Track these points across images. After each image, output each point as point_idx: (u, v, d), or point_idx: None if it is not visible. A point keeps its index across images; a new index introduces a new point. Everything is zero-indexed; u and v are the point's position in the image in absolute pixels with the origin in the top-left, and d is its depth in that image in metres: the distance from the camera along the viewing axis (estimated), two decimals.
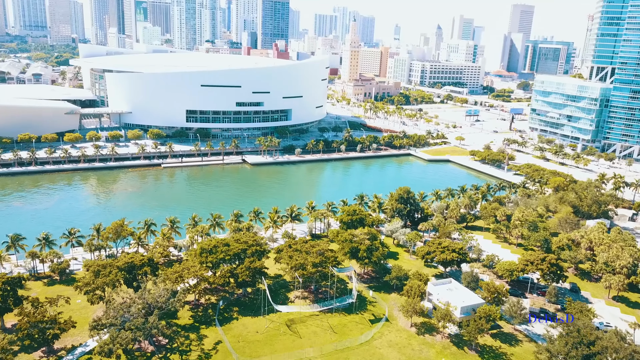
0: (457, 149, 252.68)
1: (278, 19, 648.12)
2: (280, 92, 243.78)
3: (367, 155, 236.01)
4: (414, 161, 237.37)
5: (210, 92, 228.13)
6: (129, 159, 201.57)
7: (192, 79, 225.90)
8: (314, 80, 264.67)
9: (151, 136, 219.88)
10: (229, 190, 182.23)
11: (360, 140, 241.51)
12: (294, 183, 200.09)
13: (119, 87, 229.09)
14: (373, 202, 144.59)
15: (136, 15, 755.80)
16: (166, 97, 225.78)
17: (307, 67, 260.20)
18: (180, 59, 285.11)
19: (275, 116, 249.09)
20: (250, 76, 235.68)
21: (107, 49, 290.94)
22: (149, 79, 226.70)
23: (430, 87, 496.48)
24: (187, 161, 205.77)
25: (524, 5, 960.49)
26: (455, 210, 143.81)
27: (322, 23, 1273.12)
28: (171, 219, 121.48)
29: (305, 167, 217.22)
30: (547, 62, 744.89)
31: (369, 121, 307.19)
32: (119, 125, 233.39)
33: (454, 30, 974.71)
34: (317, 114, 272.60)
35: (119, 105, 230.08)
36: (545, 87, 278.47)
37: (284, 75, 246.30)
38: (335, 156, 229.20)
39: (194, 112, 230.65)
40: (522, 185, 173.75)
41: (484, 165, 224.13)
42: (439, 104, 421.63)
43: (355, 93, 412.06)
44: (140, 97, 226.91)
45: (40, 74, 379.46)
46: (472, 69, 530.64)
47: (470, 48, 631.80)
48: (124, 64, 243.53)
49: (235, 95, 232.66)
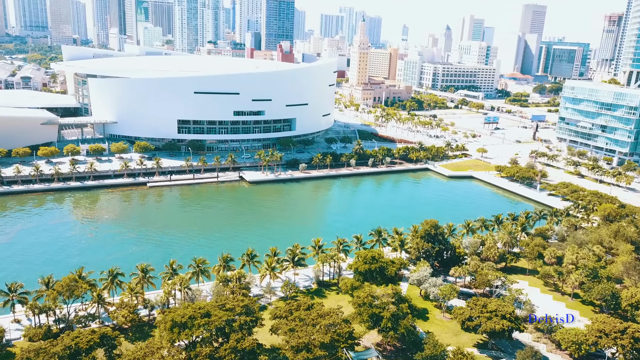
0: (480, 163, 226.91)
1: (283, 19, 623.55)
2: (283, 100, 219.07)
3: (380, 170, 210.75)
4: (433, 177, 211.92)
5: (204, 99, 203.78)
6: (111, 176, 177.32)
7: (184, 85, 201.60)
8: (321, 86, 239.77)
9: (138, 149, 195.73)
10: (221, 217, 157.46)
11: (372, 153, 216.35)
12: (298, 206, 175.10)
13: (103, 94, 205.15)
14: (393, 239, 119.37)
15: (137, 15, 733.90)
16: (156, 105, 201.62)
17: (313, 71, 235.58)
18: (176, 61, 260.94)
19: (277, 126, 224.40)
20: (249, 82, 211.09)
21: (94, 51, 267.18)
22: (137, 85, 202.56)
23: (442, 91, 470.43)
24: (177, 179, 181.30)
25: (535, 5, 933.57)
26: (493, 249, 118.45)
27: (328, 23, 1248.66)
28: (142, 266, 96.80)
29: (311, 185, 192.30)
30: (561, 64, 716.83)
31: (380, 130, 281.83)
32: (103, 136, 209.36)
33: (464, 31, 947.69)
34: (324, 123, 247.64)
35: (103, 115, 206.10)
36: (575, 94, 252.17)
37: (287, 80, 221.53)
38: (344, 172, 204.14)
39: (187, 122, 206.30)
40: (565, 213, 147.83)
41: (512, 183, 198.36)
42: (454, 110, 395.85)
43: (364, 97, 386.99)
44: (126, 106, 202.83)
45: (29, 77, 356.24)
46: (486, 72, 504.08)
47: (483, 49, 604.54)
48: (111, 68, 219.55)
49: (233, 103, 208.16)
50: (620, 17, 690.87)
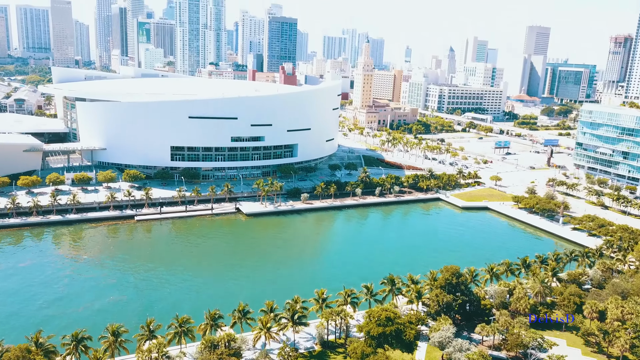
0: (495, 192, 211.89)
1: (285, 40, 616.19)
2: (284, 124, 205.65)
3: (388, 200, 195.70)
4: (445, 207, 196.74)
5: (200, 124, 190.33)
6: (96, 209, 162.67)
7: (178, 110, 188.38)
8: (324, 110, 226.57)
9: (127, 178, 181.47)
10: (214, 256, 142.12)
11: (379, 181, 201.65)
12: (299, 243, 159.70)
13: (91, 118, 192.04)
14: (408, 288, 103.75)
15: (139, 36, 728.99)
16: (147, 131, 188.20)
17: (316, 94, 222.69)
18: (172, 84, 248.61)
19: (278, 152, 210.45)
20: (248, 106, 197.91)
21: (86, 73, 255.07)
22: (127, 110, 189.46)
23: (449, 114, 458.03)
24: (168, 211, 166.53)
25: (540, 27, 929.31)
26: (523, 300, 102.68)
27: (331, 45, 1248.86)
28: (114, 328, 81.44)
29: (313, 218, 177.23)
30: (567, 86, 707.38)
31: (386, 155, 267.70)
32: (91, 164, 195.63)
33: (468, 53, 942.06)
34: (327, 149, 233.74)
35: (91, 141, 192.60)
36: (593, 118, 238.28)
37: (288, 104, 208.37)
38: (349, 202, 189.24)
39: (181, 148, 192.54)
40: (598, 253, 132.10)
41: (531, 215, 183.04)
42: (461, 133, 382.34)
43: (368, 120, 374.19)
44: (116, 131, 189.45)
45: (23, 100, 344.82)
46: (493, 94, 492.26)
47: (489, 71, 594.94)
48: (102, 91, 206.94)
49: (230, 129, 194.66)
50: (626, 39, 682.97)
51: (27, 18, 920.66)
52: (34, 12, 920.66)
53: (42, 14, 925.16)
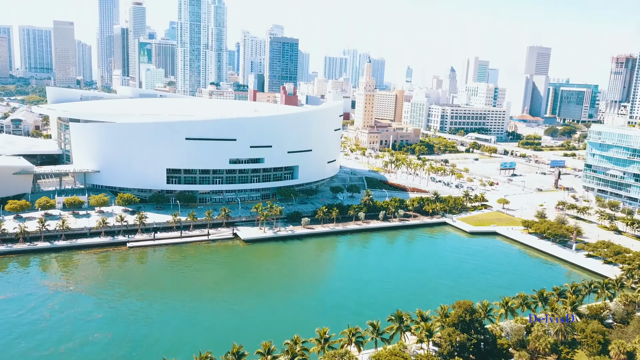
0: (503, 216, 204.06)
1: (287, 60, 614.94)
2: (284, 146, 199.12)
3: (392, 225, 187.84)
4: (451, 232, 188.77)
5: (197, 146, 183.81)
6: (86, 235, 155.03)
7: (175, 131, 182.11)
8: (326, 131, 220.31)
9: (120, 202, 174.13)
10: (207, 286, 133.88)
11: (383, 205, 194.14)
12: (298, 272, 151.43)
13: (85, 140, 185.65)
14: (418, 325, 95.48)
15: (140, 57, 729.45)
16: (142, 153, 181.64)
17: (317, 115, 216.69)
18: (170, 104, 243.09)
19: (278, 174, 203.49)
20: (247, 127, 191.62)
21: (82, 93, 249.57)
22: (122, 131, 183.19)
23: (451, 134, 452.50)
24: (162, 237, 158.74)
25: (540, 47, 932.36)
26: (543, 339, 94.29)
27: (332, 65, 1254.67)
28: None
29: (314, 244, 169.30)
30: (569, 106, 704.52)
31: (390, 177, 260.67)
32: (84, 186, 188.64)
33: (469, 73, 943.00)
34: (329, 171, 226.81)
35: (84, 163, 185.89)
36: (603, 139, 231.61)
37: (289, 125, 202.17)
38: (352, 227, 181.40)
39: (177, 171, 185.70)
40: (618, 284, 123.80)
41: (542, 241, 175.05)
42: (465, 154, 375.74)
43: (370, 141, 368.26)
44: (110, 153, 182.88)
45: (20, 120, 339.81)
46: (496, 114, 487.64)
47: (491, 91, 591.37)
48: (97, 112, 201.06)
49: (228, 151, 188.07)
50: (628, 59, 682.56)
51: (29, 39, 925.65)
52: (36, 32, 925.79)
53: (44, 35, 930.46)
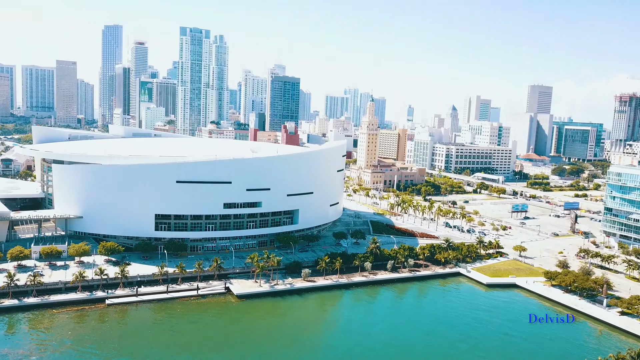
0: (521, 266, 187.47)
1: (288, 99, 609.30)
2: (284, 188, 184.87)
3: (402, 276, 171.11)
4: (466, 284, 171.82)
5: (189, 190, 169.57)
6: (61, 290, 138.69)
7: (164, 173, 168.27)
8: (329, 172, 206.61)
9: (103, 252, 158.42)
10: (192, 353, 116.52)
11: (391, 253, 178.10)
12: (297, 335, 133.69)
13: (68, 183, 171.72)
14: None
15: (140, 95, 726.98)
16: (129, 197, 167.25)
17: (319, 155, 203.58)
18: (164, 144, 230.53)
19: (276, 219, 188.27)
20: (243, 168, 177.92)
21: (70, 132, 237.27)
22: (108, 173, 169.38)
23: (457, 174, 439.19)
24: (146, 292, 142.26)
25: (542, 86, 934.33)
26: None
27: (334, 104, 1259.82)
28: None
29: (316, 300, 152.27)
30: (574, 145, 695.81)
31: (396, 220, 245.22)
32: (65, 233, 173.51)
33: (471, 111, 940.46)
34: (331, 214, 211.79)
35: (66, 208, 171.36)
36: (624, 181, 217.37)
37: (289, 166, 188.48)
38: (357, 279, 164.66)
39: (167, 217, 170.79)
40: None
41: (567, 295, 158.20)
42: (473, 194, 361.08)
43: (374, 181, 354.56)
44: (95, 197, 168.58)
45: (11, 160, 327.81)
46: (502, 153, 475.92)
47: (495, 130, 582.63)
48: (84, 153, 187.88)
49: (223, 194, 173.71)
50: (631, 98, 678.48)
51: (32, 78, 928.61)
52: (39, 72, 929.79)
53: (47, 74, 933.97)
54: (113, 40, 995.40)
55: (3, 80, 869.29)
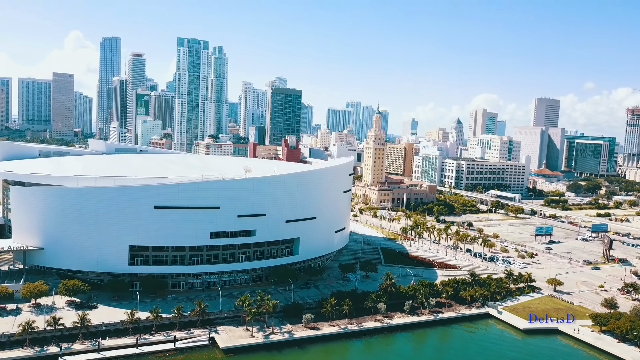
0: (560, 304, 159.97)
1: (289, 113, 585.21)
2: (282, 214, 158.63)
3: (422, 320, 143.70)
4: (498, 328, 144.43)
5: (169, 217, 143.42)
6: (5, 345, 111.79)
7: (141, 197, 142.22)
8: (334, 193, 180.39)
9: (64, 292, 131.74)
10: None
11: (409, 291, 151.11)
12: None
13: (28, 208, 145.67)
14: None
15: (137, 108, 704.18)
16: (99, 225, 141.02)
17: (323, 175, 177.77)
18: (146, 161, 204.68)
19: (273, 250, 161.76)
20: (235, 191, 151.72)
21: (41, 148, 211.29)
22: (74, 197, 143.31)
23: (468, 191, 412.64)
24: (110, 346, 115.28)
25: (549, 99, 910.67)
26: None
27: (335, 118, 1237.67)
28: None
29: (320, 353, 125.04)
30: (585, 159, 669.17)
31: (409, 247, 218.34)
32: (24, 267, 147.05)
33: (477, 125, 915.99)
34: (337, 242, 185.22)
35: (25, 237, 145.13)
36: None
37: (289, 188, 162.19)
38: (369, 324, 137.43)
39: (143, 248, 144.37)
40: None
41: (624, 345, 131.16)
42: (487, 214, 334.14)
43: (381, 199, 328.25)
44: (59, 226, 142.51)
45: None
46: (515, 169, 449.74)
47: (505, 144, 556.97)
48: (48, 173, 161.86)
49: (210, 222, 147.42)
50: None
51: (28, 91, 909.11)
52: (35, 85, 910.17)
53: (44, 87, 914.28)
54: (111, 53, 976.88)
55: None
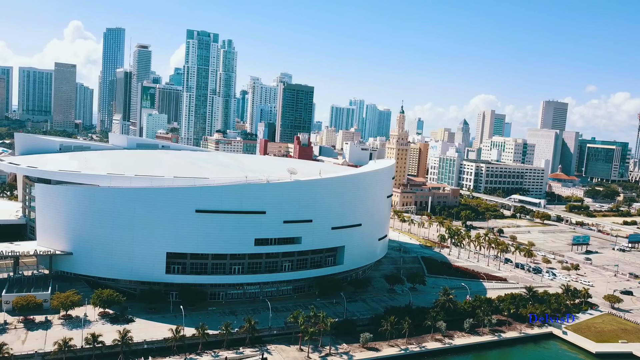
0: (627, 325, 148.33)
1: (300, 109, 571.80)
2: (328, 220, 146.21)
3: (484, 340, 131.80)
4: (565, 351, 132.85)
5: (211, 221, 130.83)
6: None
7: (181, 200, 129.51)
8: (378, 199, 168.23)
9: (98, 303, 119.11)
10: None
11: (466, 307, 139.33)
12: None
13: (55, 208, 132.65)
14: None
15: (143, 101, 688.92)
16: (135, 229, 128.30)
17: (369, 178, 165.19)
18: (175, 159, 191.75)
19: (316, 259, 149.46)
20: (280, 195, 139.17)
21: (62, 141, 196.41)
22: (108, 198, 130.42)
23: (488, 194, 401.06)
24: None
25: (557, 102, 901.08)
26: None
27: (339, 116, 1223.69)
28: None
29: None
30: (597, 164, 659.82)
31: (449, 255, 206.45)
32: (49, 273, 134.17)
33: (485, 127, 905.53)
34: (379, 251, 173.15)
35: (51, 241, 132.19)
36: None
37: (334, 192, 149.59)
38: (430, 345, 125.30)
39: (182, 256, 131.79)
40: None
41: None
42: (512, 219, 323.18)
43: (403, 202, 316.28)
44: (89, 229, 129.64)
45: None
46: (534, 173, 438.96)
47: (520, 147, 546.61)
48: (76, 170, 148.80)
49: (255, 228, 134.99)
50: None
51: (29, 80, 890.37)
52: (37, 74, 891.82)
53: (45, 77, 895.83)
54: (115, 44, 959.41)
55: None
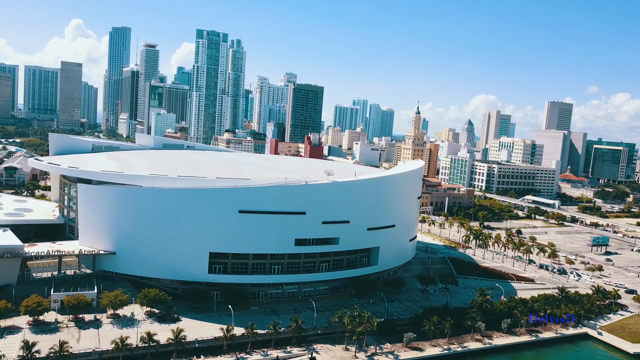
0: None
1: (310, 109, 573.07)
2: (364, 221, 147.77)
3: (521, 341, 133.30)
4: (601, 351, 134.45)
5: (254, 222, 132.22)
6: None
7: (225, 200, 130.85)
8: (409, 200, 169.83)
9: (144, 302, 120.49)
10: None
11: (502, 308, 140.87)
12: None
13: (97, 208, 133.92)
14: None
15: (150, 100, 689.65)
16: (178, 229, 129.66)
17: (401, 180, 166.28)
18: (215, 161, 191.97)
19: (352, 259, 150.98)
20: (319, 196, 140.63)
21: (93, 141, 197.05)
22: (150, 198, 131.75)
23: (500, 195, 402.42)
24: None
25: (561, 103, 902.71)
26: None
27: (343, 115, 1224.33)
28: None
29: None
30: (604, 165, 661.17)
31: (474, 256, 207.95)
32: (92, 272, 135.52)
33: (490, 127, 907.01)
34: (410, 252, 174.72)
35: (94, 240, 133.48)
36: None
37: (370, 193, 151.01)
38: (471, 345, 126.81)
39: (223, 256, 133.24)
40: None
41: None
42: (528, 220, 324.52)
43: (421, 203, 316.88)
44: (132, 229, 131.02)
45: (15, 168, 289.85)
46: (545, 174, 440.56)
47: (528, 147, 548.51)
48: (116, 170, 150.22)
49: (295, 228, 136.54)
50: None
51: (35, 79, 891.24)
52: (42, 73, 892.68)
53: (51, 76, 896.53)
54: (121, 43, 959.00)
55: (5, 80, 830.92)
